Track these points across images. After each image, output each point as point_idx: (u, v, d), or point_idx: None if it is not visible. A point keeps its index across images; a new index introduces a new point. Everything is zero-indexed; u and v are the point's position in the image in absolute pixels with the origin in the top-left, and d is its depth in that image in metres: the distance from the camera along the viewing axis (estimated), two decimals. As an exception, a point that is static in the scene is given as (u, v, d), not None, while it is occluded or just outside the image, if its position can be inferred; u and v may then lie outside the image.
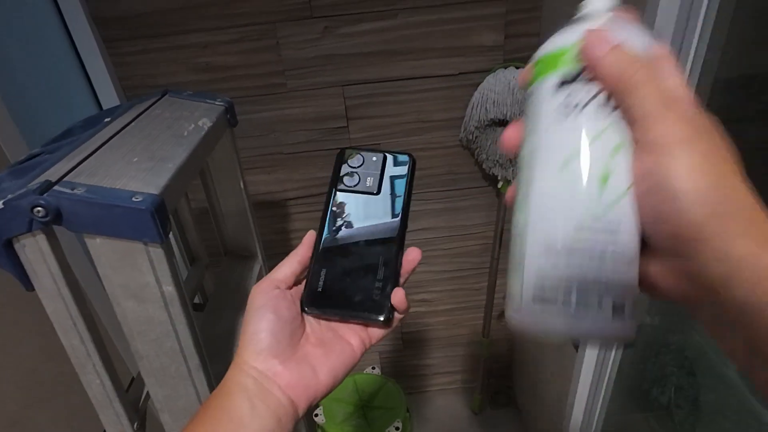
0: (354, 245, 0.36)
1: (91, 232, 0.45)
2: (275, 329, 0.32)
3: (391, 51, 1.11)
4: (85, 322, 0.51)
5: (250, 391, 0.31)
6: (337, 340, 0.35)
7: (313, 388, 0.32)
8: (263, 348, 0.31)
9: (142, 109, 0.67)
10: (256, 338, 0.32)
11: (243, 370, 0.31)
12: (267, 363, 0.31)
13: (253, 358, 0.31)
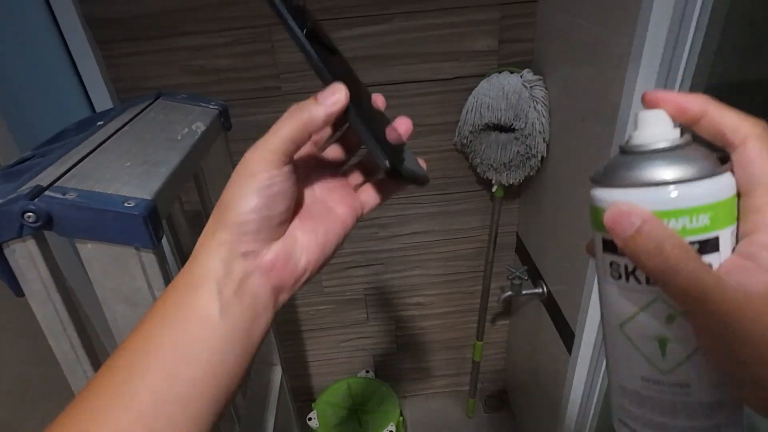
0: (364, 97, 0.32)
1: (83, 237, 0.45)
2: (270, 210, 0.26)
3: (386, 55, 1.11)
4: (76, 327, 0.51)
5: (221, 283, 0.25)
6: (326, 212, 0.31)
7: (301, 270, 0.28)
8: (248, 231, 0.26)
9: (136, 112, 0.66)
10: (243, 219, 0.26)
11: (217, 255, 0.26)
12: (251, 245, 0.26)
13: (236, 240, 0.26)
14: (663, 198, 0.22)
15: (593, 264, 0.94)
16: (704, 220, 0.22)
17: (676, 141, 0.23)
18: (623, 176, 0.24)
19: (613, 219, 0.23)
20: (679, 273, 0.21)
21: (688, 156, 0.23)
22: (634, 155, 0.24)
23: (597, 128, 0.87)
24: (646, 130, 0.24)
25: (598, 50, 0.84)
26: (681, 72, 0.66)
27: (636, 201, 0.23)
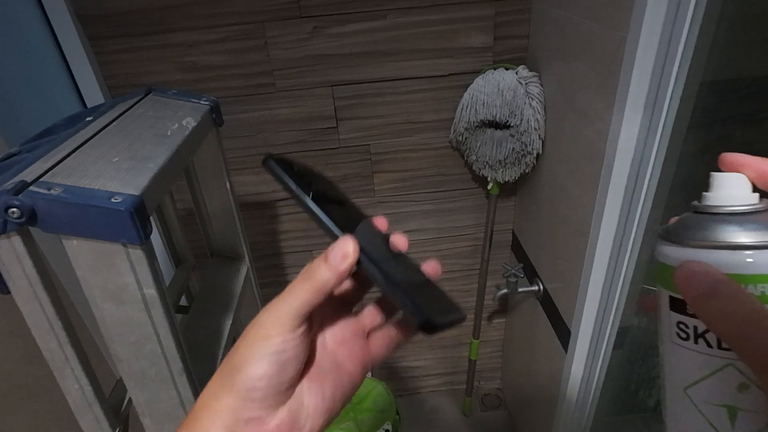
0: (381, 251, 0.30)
1: (68, 234, 0.44)
2: (281, 377, 0.26)
3: (380, 52, 1.11)
4: (63, 325, 0.50)
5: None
6: (335, 369, 0.29)
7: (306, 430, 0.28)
8: (257, 397, 0.25)
9: (125, 107, 0.66)
10: (252, 385, 0.25)
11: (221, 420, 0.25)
12: (256, 412, 0.25)
13: (241, 406, 0.25)
14: (740, 261, 0.21)
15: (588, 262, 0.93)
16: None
17: (756, 205, 0.23)
18: (697, 236, 0.23)
19: (686, 277, 0.22)
20: (756, 340, 0.19)
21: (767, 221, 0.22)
22: (709, 216, 0.24)
23: (592, 125, 0.87)
24: (724, 191, 0.24)
25: (592, 46, 0.84)
26: (675, 68, 0.66)
27: (711, 262, 0.22)
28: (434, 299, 0.28)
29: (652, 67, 0.69)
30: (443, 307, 0.28)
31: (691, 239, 0.23)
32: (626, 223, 0.83)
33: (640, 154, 0.76)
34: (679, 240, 0.24)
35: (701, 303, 0.21)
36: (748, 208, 0.23)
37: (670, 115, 0.71)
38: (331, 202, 0.30)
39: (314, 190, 0.30)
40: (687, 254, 0.23)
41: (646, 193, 0.78)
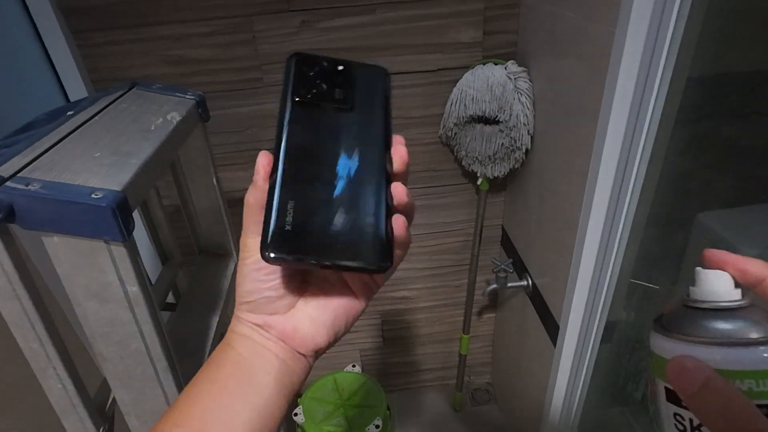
0: (327, 171, 0.27)
1: (48, 231, 0.43)
2: (268, 288, 0.29)
3: (369, 47, 1.10)
4: (45, 324, 0.49)
5: (250, 339, 0.30)
6: (339, 290, 0.31)
7: (312, 342, 0.31)
8: (255, 307, 0.30)
9: (108, 102, 0.64)
10: (248, 297, 0.30)
11: (241, 322, 0.31)
12: (261, 318, 0.30)
13: (247, 315, 0.31)
14: (729, 357, 0.23)
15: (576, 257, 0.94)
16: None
17: (740, 302, 0.24)
18: (687, 330, 0.24)
19: (677, 372, 0.23)
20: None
21: (753, 318, 0.24)
22: (697, 311, 0.25)
23: (580, 121, 0.87)
24: (709, 287, 0.25)
25: (581, 42, 0.84)
26: (662, 63, 0.66)
27: (701, 356, 0.23)
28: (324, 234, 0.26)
29: (639, 62, 0.70)
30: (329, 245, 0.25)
31: (682, 333, 0.24)
32: (614, 217, 0.83)
33: (628, 149, 0.76)
34: (671, 333, 0.25)
35: (693, 398, 0.22)
36: (733, 305, 0.24)
37: (657, 110, 0.71)
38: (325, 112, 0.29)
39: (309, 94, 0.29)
40: (678, 348, 0.24)
41: (633, 187, 0.78)
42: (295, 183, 0.27)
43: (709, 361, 0.23)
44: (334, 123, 0.29)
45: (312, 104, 0.29)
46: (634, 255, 0.91)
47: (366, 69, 0.31)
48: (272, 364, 0.30)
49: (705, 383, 0.22)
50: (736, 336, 0.23)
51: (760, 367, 0.22)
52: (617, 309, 0.96)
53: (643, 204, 0.83)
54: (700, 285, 0.26)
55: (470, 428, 1.64)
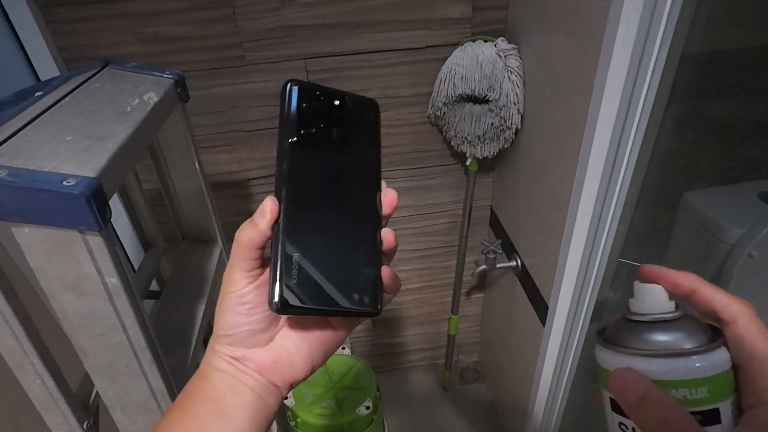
0: (325, 218, 0.29)
1: (17, 221, 0.40)
2: (250, 321, 0.30)
3: (354, 23, 1.06)
4: (19, 318, 0.47)
5: (226, 373, 0.30)
6: (317, 322, 0.32)
7: (290, 374, 0.31)
8: (235, 340, 0.30)
9: (80, 81, 0.61)
10: (228, 330, 0.30)
11: (218, 356, 0.31)
12: (240, 352, 0.31)
13: (226, 348, 0.31)
14: (664, 368, 0.24)
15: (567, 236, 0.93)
16: (703, 392, 0.24)
17: (674, 314, 0.26)
18: (626, 342, 0.26)
19: (618, 385, 0.25)
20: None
21: (686, 329, 0.25)
22: (635, 323, 0.27)
23: (572, 100, 0.85)
24: (645, 301, 0.27)
25: (573, 18, 0.81)
26: (659, 40, 0.65)
27: (639, 368, 0.25)
28: (325, 284, 0.28)
29: (634, 39, 0.68)
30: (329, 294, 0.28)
31: (621, 345, 0.26)
32: (605, 197, 0.82)
33: (621, 128, 0.75)
34: (612, 346, 0.27)
35: (633, 409, 0.24)
36: (667, 317, 0.26)
37: (652, 88, 0.70)
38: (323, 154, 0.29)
39: (307, 134, 0.29)
40: (619, 360, 0.26)
41: (626, 167, 0.77)
42: (298, 234, 0.28)
43: (647, 372, 0.24)
44: (331, 165, 0.30)
45: (311, 145, 0.29)
46: (623, 235, 0.91)
47: (358, 102, 0.31)
48: (249, 400, 0.30)
49: (644, 394, 0.24)
50: (671, 347, 0.25)
51: (693, 375, 0.24)
52: (605, 288, 0.97)
53: (634, 184, 0.82)
54: (637, 298, 0.27)
55: (459, 406, 1.66)
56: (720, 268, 1.04)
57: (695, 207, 1.09)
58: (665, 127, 0.80)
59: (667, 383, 0.24)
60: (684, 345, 0.24)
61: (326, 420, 1.26)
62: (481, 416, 1.62)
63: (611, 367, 0.26)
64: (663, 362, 0.24)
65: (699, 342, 0.25)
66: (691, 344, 0.24)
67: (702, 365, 0.24)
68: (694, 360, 0.24)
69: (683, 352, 0.24)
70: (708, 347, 0.24)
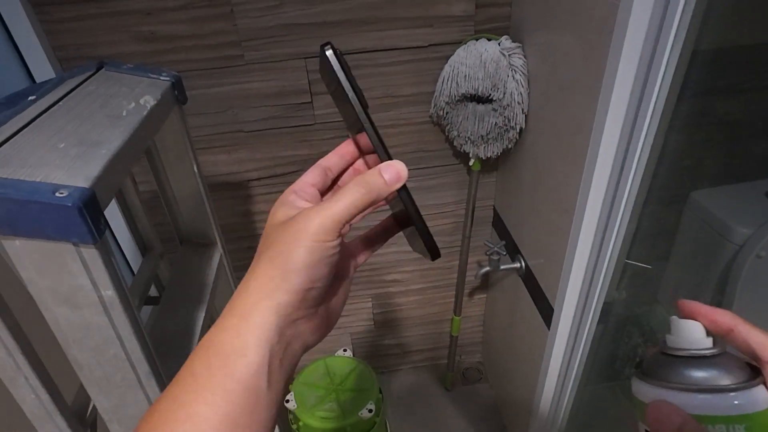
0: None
1: (7, 234, 0.38)
2: (330, 278, 0.28)
3: (356, 20, 1.04)
4: (11, 331, 0.45)
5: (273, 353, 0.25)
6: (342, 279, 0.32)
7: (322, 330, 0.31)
8: (311, 297, 0.27)
9: (74, 84, 0.59)
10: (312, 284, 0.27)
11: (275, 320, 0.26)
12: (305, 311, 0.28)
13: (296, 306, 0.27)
14: (702, 403, 0.24)
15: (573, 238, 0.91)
16: (740, 429, 0.23)
17: (713, 350, 0.26)
18: (665, 376, 0.26)
19: (655, 417, 0.25)
20: None
21: (725, 366, 0.25)
22: (674, 358, 0.27)
23: (578, 99, 0.83)
24: (683, 336, 0.27)
25: (580, 14, 0.79)
26: (671, 37, 0.63)
27: (676, 402, 0.25)
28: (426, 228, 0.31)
29: (644, 35, 0.66)
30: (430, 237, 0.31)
31: (660, 379, 0.26)
32: (614, 198, 0.81)
33: (630, 127, 0.73)
34: (650, 378, 0.27)
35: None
36: (706, 353, 0.26)
37: (664, 86, 0.68)
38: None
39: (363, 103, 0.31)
40: (656, 393, 0.26)
41: (636, 168, 0.75)
42: None
43: (684, 406, 0.24)
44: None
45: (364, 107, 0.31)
46: (630, 235, 0.89)
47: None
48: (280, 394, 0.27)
49: (680, 428, 0.24)
50: (709, 383, 0.25)
51: (730, 412, 0.24)
52: (612, 290, 0.95)
53: (643, 183, 0.81)
54: (675, 333, 0.27)
55: (462, 407, 1.65)
56: (728, 269, 1.03)
57: (702, 206, 1.07)
58: (674, 125, 0.78)
59: (705, 418, 0.24)
60: (722, 381, 0.25)
61: (328, 423, 1.25)
62: (484, 417, 1.61)
63: (648, 400, 0.26)
64: (701, 397, 0.24)
65: (738, 379, 0.24)
66: (730, 381, 0.24)
67: (741, 402, 0.24)
68: (733, 397, 0.24)
69: (722, 388, 0.24)
70: (747, 384, 0.24)
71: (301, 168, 1.22)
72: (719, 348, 0.26)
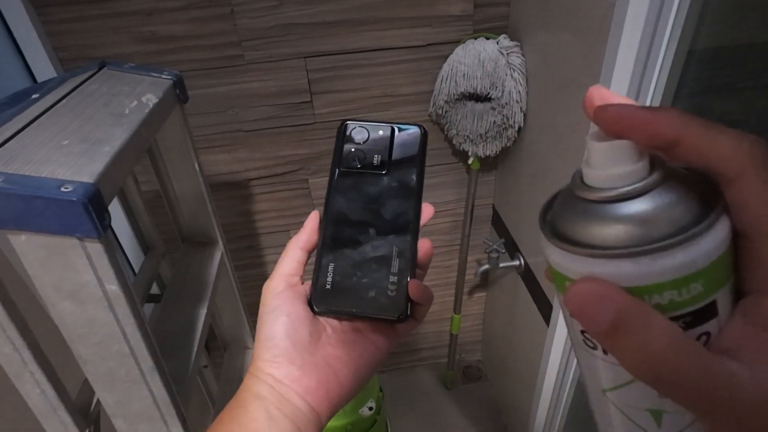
0: (363, 233, 0.32)
1: (12, 228, 0.39)
2: (291, 333, 0.29)
3: (355, 20, 1.05)
4: (17, 327, 0.46)
5: (266, 400, 0.28)
6: (360, 339, 0.31)
7: (336, 393, 0.30)
8: (278, 354, 0.29)
9: (76, 83, 0.59)
10: (270, 344, 0.29)
11: (258, 378, 0.29)
12: (283, 369, 0.29)
13: (268, 365, 0.29)
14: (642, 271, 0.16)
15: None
16: (697, 288, 0.16)
17: (649, 183, 0.17)
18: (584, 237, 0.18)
19: (580, 307, 0.17)
20: (675, 383, 0.16)
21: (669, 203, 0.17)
22: (594, 205, 0.18)
23: (576, 97, 0.84)
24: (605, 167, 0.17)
25: (578, 14, 0.80)
26: (667, 36, 0.63)
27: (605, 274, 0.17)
28: (354, 289, 0.31)
29: (641, 34, 0.67)
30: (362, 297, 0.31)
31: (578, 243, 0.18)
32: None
33: (627, 126, 0.74)
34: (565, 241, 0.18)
35: (605, 340, 0.17)
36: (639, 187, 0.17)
37: (659, 85, 0.68)
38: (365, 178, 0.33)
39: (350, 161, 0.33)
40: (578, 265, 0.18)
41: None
42: (336, 246, 0.32)
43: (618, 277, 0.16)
44: (372, 187, 0.33)
45: (354, 170, 0.33)
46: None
47: (402, 129, 0.34)
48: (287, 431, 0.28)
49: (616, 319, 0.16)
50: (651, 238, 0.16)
51: (684, 272, 0.16)
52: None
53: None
54: (592, 164, 0.18)
55: (462, 405, 1.65)
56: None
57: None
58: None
59: (647, 289, 0.16)
60: (669, 231, 0.16)
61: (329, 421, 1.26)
62: (483, 415, 1.61)
63: (566, 271, 0.18)
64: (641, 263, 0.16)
65: (690, 220, 0.16)
66: (680, 227, 0.16)
67: (696, 256, 0.16)
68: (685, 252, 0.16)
69: (669, 244, 0.16)
70: (703, 227, 0.16)
71: (301, 167, 1.23)
72: (658, 173, 0.17)
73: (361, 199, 0.33)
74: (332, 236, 0.32)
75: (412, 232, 0.32)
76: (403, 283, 0.31)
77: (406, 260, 0.31)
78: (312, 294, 0.31)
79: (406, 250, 0.32)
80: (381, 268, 0.31)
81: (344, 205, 0.33)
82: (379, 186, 0.33)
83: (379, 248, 0.32)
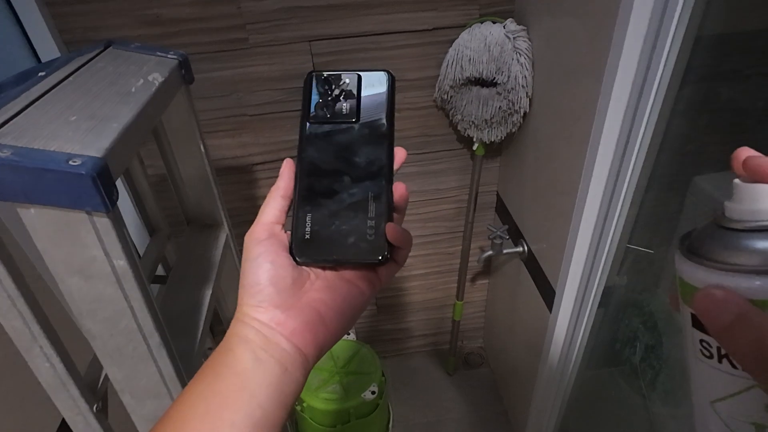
0: (338, 182, 0.32)
1: (22, 201, 0.39)
2: (274, 278, 0.30)
3: (360, 3, 1.04)
4: (26, 301, 0.46)
5: (252, 343, 0.29)
6: (344, 284, 0.32)
7: (322, 334, 0.30)
8: (263, 299, 0.30)
9: (82, 62, 0.59)
10: (254, 290, 0.30)
11: (244, 323, 0.30)
12: (268, 313, 0.30)
13: (253, 310, 0.30)
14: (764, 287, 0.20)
15: (575, 222, 0.92)
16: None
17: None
18: (719, 255, 0.21)
19: (706, 306, 0.21)
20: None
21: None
22: (732, 232, 0.21)
23: (582, 83, 0.84)
24: (749, 204, 0.21)
25: (585, -4, 0.79)
26: (675, 22, 0.63)
27: (733, 286, 0.20)
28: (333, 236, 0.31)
29: (649, 18, 0.66)
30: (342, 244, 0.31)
31: (713, 259, 0.21)
32: (616, 182, 0.81)
33: (633, 111, 0.73)
34: (700, 258, 0.22)
35: (724, 334, 0.21)
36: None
37: (667, 71, 0.68)
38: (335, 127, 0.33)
39: (319, 112, 0.33)
40: (709, 277, 0.21)
41: (638, 152, 0.76)
42: (312, 195, 0.32)
43: (744, 290, 0.20)
44: (343, 136, 0.33)
45: (323, 122, 0.33)
46: (632, 219, 0.90)
47: (371, 75, 0.35)
48: (274, 373, 0.29)
49: (737, 318, 0.20)
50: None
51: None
52: (612, 273, 0.96)
53: (645, 167, 0.81)
54: (737, 201, 0.22)
55: (464, 391, 1.67)
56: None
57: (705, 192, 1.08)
58: (677, 110, 0.78)
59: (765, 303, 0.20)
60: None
61: (332, 405, 1.27)
62: (485, 401, 1.63)
63: (697, 283, 0.22)
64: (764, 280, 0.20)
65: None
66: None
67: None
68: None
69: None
70: None
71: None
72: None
73: (334, 149, 0.33)
74: (307, 187, 0.32)
75: (386, 177, 0.32)
76: (381, 226, 0.31)
77: (382, 204, 0.32)
78: (293, 246, 0.31)
79: (381, 195, 0.32)
80: (358, 213, 0.32)
81: (316, 156, 0.33)
82: (350, 134, 0.33)
83: (354, 195, 0.32)
